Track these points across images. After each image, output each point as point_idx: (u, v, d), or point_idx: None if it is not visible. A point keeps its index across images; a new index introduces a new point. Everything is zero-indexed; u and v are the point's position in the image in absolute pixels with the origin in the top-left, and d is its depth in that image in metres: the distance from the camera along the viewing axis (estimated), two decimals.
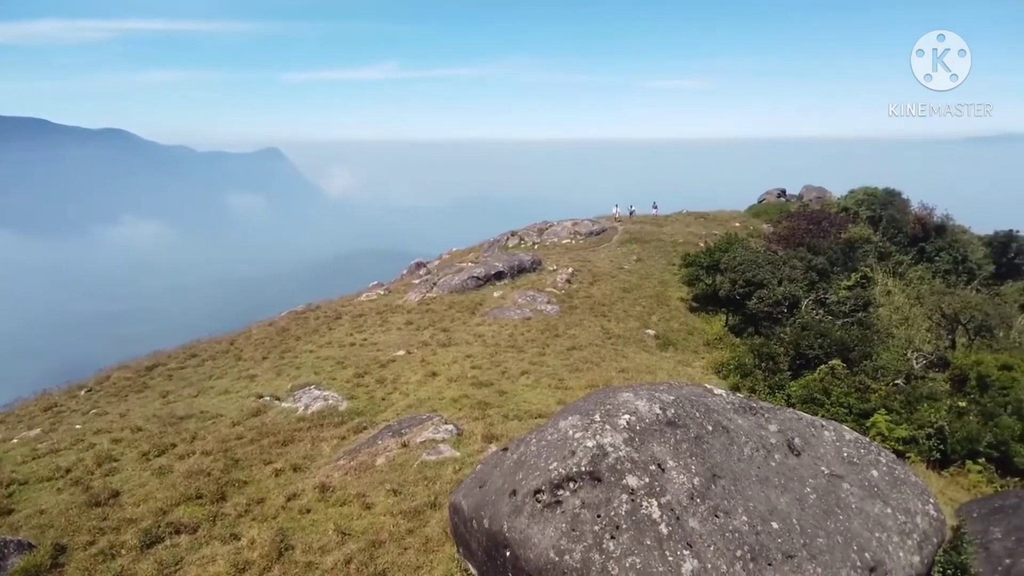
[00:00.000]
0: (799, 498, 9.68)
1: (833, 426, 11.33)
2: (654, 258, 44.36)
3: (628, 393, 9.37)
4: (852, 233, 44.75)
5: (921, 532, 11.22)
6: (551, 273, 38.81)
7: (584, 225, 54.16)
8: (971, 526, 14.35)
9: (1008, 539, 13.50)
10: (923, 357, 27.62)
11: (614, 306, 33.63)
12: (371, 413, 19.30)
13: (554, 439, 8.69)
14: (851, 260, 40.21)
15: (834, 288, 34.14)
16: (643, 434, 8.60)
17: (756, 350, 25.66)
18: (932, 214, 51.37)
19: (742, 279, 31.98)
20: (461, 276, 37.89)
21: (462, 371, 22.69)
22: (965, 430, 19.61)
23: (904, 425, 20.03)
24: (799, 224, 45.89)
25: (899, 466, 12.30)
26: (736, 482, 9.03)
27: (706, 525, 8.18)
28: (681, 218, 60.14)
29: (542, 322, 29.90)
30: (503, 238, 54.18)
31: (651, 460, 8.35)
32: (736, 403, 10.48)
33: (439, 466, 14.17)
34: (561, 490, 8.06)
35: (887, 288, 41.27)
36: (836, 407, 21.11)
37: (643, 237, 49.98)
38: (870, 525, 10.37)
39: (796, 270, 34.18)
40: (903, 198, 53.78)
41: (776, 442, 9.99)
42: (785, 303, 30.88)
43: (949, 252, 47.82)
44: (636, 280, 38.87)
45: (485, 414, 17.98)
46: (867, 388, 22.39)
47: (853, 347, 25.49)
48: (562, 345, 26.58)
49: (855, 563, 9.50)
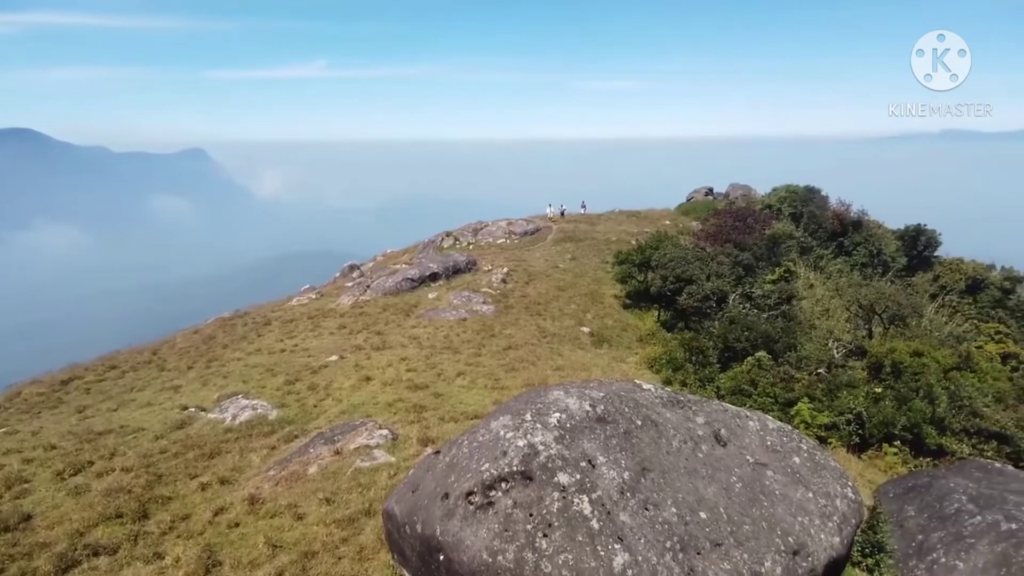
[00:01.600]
0: (726, 487, 9.97)
1: (757, 416, 11.73)
2: (588, 256, 44.93)
3: (559, 391, 9.44)
4: (776, 229, 46.53)
5: (841, 514, 11.73)
6: (486, 273, 38.81)
7: (519, 225, 54.42)
8: (887, 506, 15.09)
9: (920, 516, 14.24)
10: (843, 347, 28.95)
11: (549, 305, 33.89)
12: (303, 421, 18.86)
13: (486, 440, 8.67)
14: (775, 255, 41.80)
15: (759, 282, 35.40)
16: (574, 431, 8.68)
17: (687, 344, 26.34)
18: (849, 210, 53.91)
19: (672, 276, 32.77)
20: (395, 278, 37.46)
21: (397, 374, 22.43)
22: (881, 415, 20.61)
23: (826, 412, 20.93)
24: (726, 221, 47.42)
25: (819, 452, 12.83)
26: (665, 475, 9.22)
27: (636, 518, 8.31)
28: (614, 217, 61.19)
29: (478, 322, 29.86)
30: (438, 239, 53.87)
31: (582, 457, 8.44)
32: (664, 397, 10.71)
33: (373, 472, 13.96)
34: (493, 491, 8.05)
35: (809, 281, 43.09)
36: (763, 397, 21.89)
37: (577, 236, 50.59)
38: (793, 510, 10.78)
39: (723, 266, 35.26)
40: (822, 195, 56.27)
41: (703, 434, 10.26)
42: (713, 298, 31.81)
43: (865, 246, 50.30)
44: (571, 279, 39.29)
45: (421, 417, 17.84)
46: (791, 378, 23.31)
47: (778, 339, 26.50)
48: (498, 345, 26.61)
49: (779, 547, 9.85)
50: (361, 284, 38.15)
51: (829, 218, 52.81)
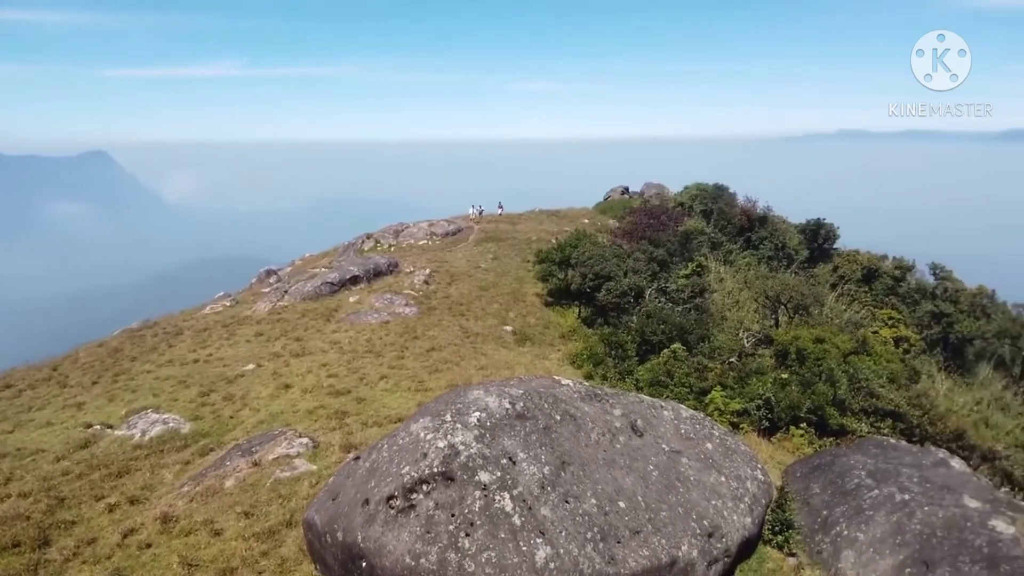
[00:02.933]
0: (643, 476, 10.34)
1: (671, 406, 12.22)
2: (510, 256, 45.22)
3: (478, 391, 9.53)
4: (688, 226, 48.32)
5: (752, 495, 12.37)
6: (408, 275, 38.50)
7: (440, 226, 54.21)
8: (794, 485, 15.95)
9: (825, 493, 15.14)
10: (752, 336, 30.39)
11: (472, 305, 33.95)
12: (218, 434, 18.21)
13: (406, 443, 8.66)
14: (688, 251, 43.40)
15: (674, 277, 36.65)
16: (494, 430, 8.79)
17: (606, 339, 26.99)
18: (755, 206, 56.62)
19: (591, 273, 33.45)
20: (314, 282, 36.61)
21: (317, 381, 22.01)
22: (788, 399, 21.74)
23: (737, 399, 21.91)
24: (641, 219, 48.87)
25: (730, 437, 13.48)
26: (584, 467, 9.47)
27: (557, 512, 8.51)
28: (534, 216, 61.81)
29: (401, 325, 29.60)
30: (358, 241, 52.97)
31: (502, 454, 8.56)
32: (583, 392, 10.99)
33: (294, 482, 13.66)
34: (414, 493, 8.06)
35: (720, 275, 44.98)
36: (679, 387, 22.70)
37: (498, 236, 50.84)
38: (707, 494, 11.28)
39: (640, 262, 36.27)
40: (730, 192, 58.85)
41: (620, 425, 10.60)
42: (631, 293, 32.69)
43: (771, 240, 52.95)
44: (493, 278, 39.46)
45: (343, 423, 17.60)
46: (705, 368, 24.28)
47: (692, 331, 27.54)
48: (421, 347, 26.47)
49: (695, 531, 10.30)
50: (279, 289, 37.09)
51: (737, 214, 55.26)
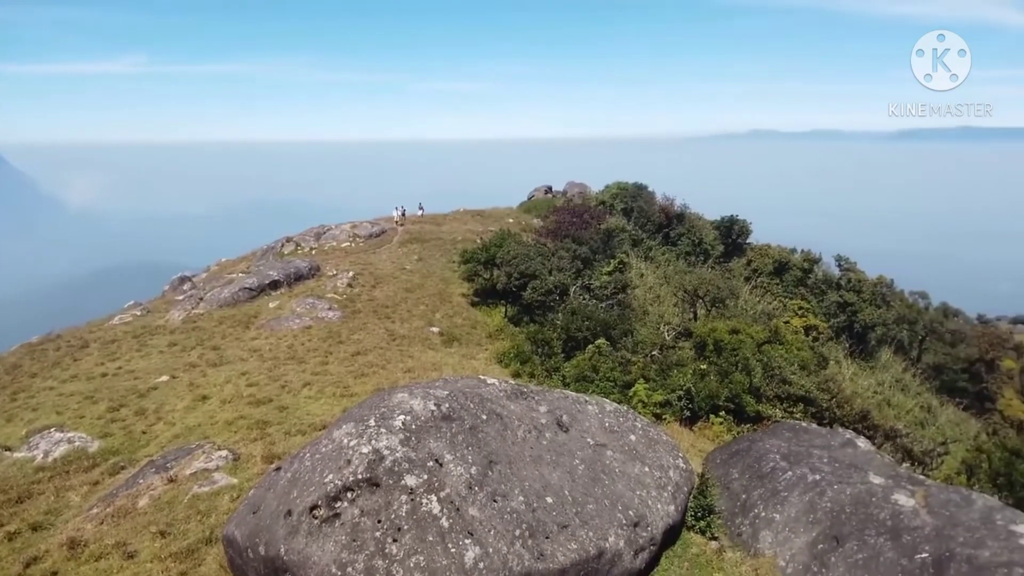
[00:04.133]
0: (569, 471, 10.51)
1: (596, 400, 12.47)
2: (435, 257, 44.94)
3: (403, 394, 9.44)
4: (609, 224, 49.38)
5: (674, 484, 12.76)
6: (331, 278, 37.68)
7: (363, 227, 53.27)
8: (715, 471, 16.56)
9: (743, 477, 15.77)
10: (672, 329, 31.37)
11: (398, 307, 33.57)
12: (130, 451, 17.33)
13: (329, 450, 8.49)
14: (610, 248, 44.36)
15: (597, 274, 37.39)
16: (419, 432, 8.73)
17: (532, 337, 27.27)
18: (673, 204, 58.49)
19: (517, 272, 33.70)
20: (232, 288, 35.29)
21: (237, 390, 21.28)
22: (707, 389, 22.58)
23: (660, 391, 22.58)
24: (564, 218, 49.58)
25: (653, 428, 13.87)
26: (512, 465, 9.54)
27: (485, 511, 8.54)
28: (459, 216, 61.63)
29: (324, 329, 28.96)
30: (278, 245, 51.38)
31: (429, 457, 8.51)
32: (508, 390, 11.06)
33: (214, 497, 13.14)
34: (339, 502, 7.90)
35: (641, 271, 46.20)
36: (604, 382, 23.18)
37: (423, 237, 50.42)
38: (632, 485, 11.57)
39: (564, 260, 36.81)
40: (649, 191, 60.54)
41: (546, 422, 10.73)
42: (556, 291, 33.14)
43: (688, 237, 54.82)
44: (418, 279, 39.12)
45: (265, 433, 17.08)
46: (628, 362, 24.89)
47: (615, 326, 28.18)
48: (346, 351, 26.00)
49: (621, 521, 10.54)
50: (193, 296, 35.56)
51: (656, 212, 56.90)
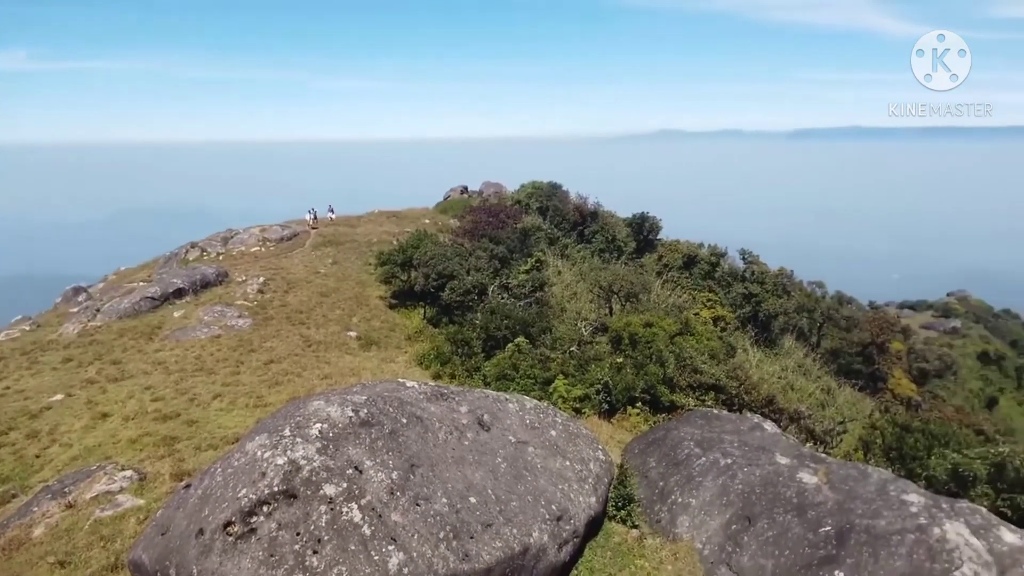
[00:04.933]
0: (492, 469, 10.52)
1: (516, 398, 12.54)
2: (350, 259, 44.06)
3: (319, 401, 9.17)
4: (526, 223, 49.88)
5: (595, 476, 13.01)
6: (240, 284, 36.25)
7: (274, 231, 51.50)
8: (633, 461, 17.02)
9: (660, 465, 16.28)
10: (589, 325, 31.99)
11: (313, 312, 32.72)
12: (21, 477, 16.08)
13: (242, 464, 8.13)
14: (527, 247, 44.79)
15: (514, 273, 37.66)
16: (337, 440, 8.51)
17: (452, 338, 27.17)
18: (587, 203, 59.75)
19: (435, 273, 33.48)
20: (132, 298, 33.33)
21: (141, 406, 20.16)
22: (624, 381, 23.14)
23: (579, 385, 22.95)
24: (481, 217, 49.71)
25: (572, 423, 14.09)
26: (434, 467, 9.45)
27: (408, 516, 8.42)
28: (374, 218, 60.64)
29: (234, 338, 27.84)
30: (182, 251, 48.92)
31: (348, 464, 8.31)
32: (429, 392, 10.96)
33: (118, 521, 12.37)
34: (254, 516, 7.58)
35: (558, 269, 46.91)
36: (524, 379, 23.36)
37: (337, 239, 49.31)
38: (554, 479, 11.71)
39: (481, 260, 36.86)
40: (564, 190, 61.59)
41: (467, 422, 10.70)
42: (475, 291, 33.13)
43: (602, 234, 56.15)
44: (333, 283, 38.24)
45: (173, 450, 16.29)
46: (548, 358, 25.18)
47: (534, 324, 28.46)
48: (259, 360, 25.13)
49: (545, 516, 10.64)
50: (89, 308, 33.34)
51: (571, 211, 57.95)
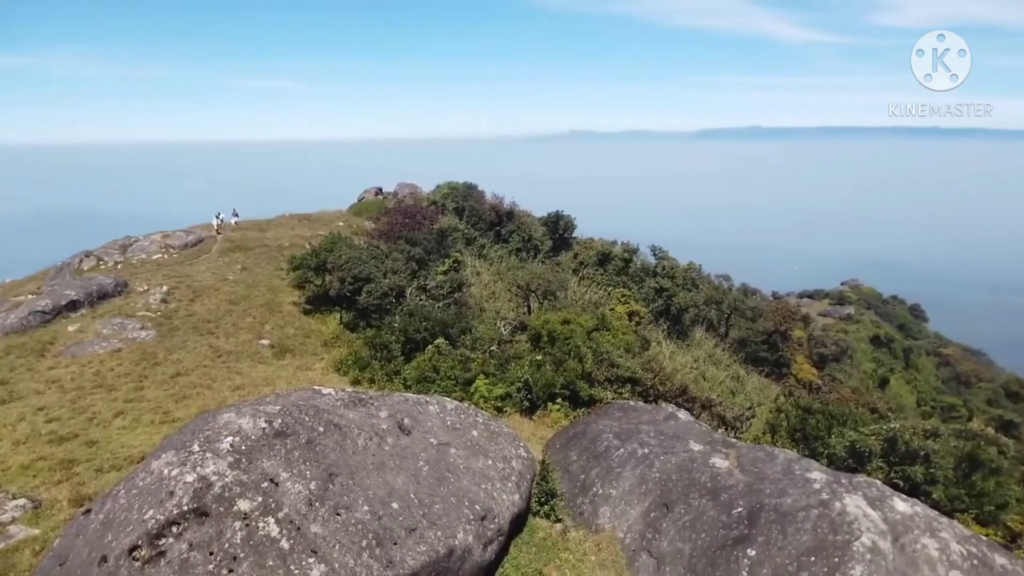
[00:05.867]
0: (414, 473, 10.43)
1: (436, 399, 12.48)
2: (261, 265, 42.54)
3: (229, 413, 8.82)
4: (442, 223, 49.69)
5: (518, 473, 13.12)
6: (142, 294, 34.36)
7: (177, 237, 48.99)
8: (555, 456, 17.27)
9: (581, 459, 16.60)
10: (509, 324, 32.24)
11: (222, 321, 31.41)
12: None
13: (147, 484, 7.71)
14: (444, 247, 44.61)
15: (432, 274, 37.45)
16: (250, 453, 8.21)
17: (370, 342, 26.75)
18: (502, 202, 60.08)
19: (350, 276, 32.84)
20: (19, 312, 30.95)
21: (33, 428, 18.82)
22: (544, 378, 23.46)
23: (500, 384, 23.10)
24: (397, 219, 49.12)
25: (494, 422, 14.16)
26: (354, 475, 9.28)
27: (328, 526, 8.23)
28: (285, 221, 58.77)
29: (136, 351, 26.37)
30: (75, 261, 45.72)
31: (263, 477, 8.03)
32: (346, 398, 10.74)
33: (11, 554, 11.51)
34: (163, 538, 7.21)
35: (476, 269, 46.99)
36: (445, 380, 23.29)
37: (246, 244, 47.48)
38: (477, 479, 11.74)
39: (398, 262, 36.44)
40: (479, 190, 61.69)
41: (387, 427, 10.56)
42: (392, 294, 32.73)
43: (518, 233, 56.64)
44: (243, 290, 36.82)
45: (71, 474, 15.31)
46: (468, 359, 25.20)
47: (453, 324, 28.40)
48: (164, 373, 23.95)
49: (469, 517, 10.65)
50: None
51: (487, 210, 58.13)
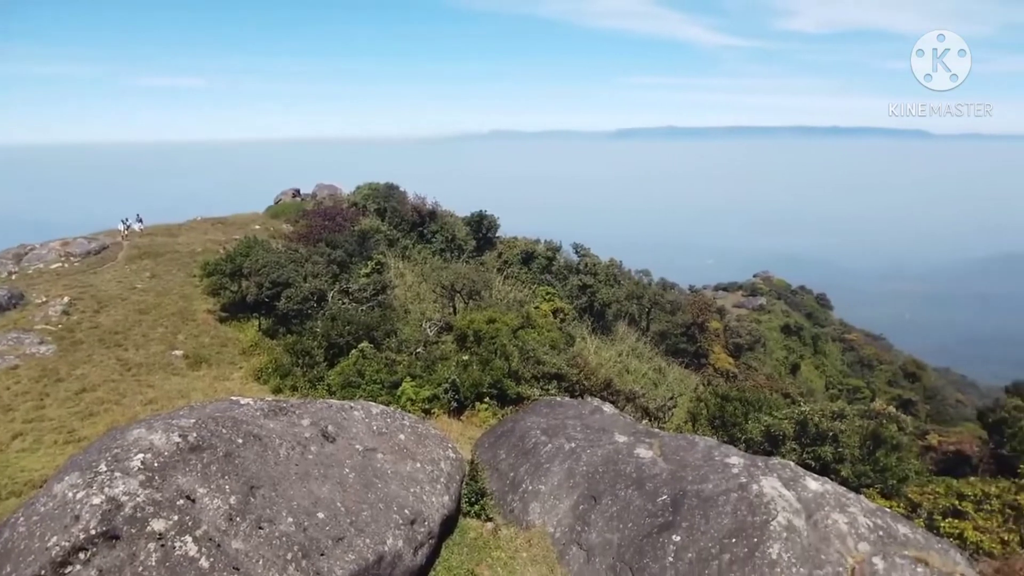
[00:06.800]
0: (340, 481, 10.23)
1: (361, 405, 12.27)
2: (172, 272, 40.61)
3: (140, 429, 8.39)
4: (364, 225, 48.86)
5: (447, 475, 13.08)
6: (41, 306, 32.19)
7: (78, 244, 46.06)
8: (484, 455, 17.31)
9: (510, 456, 16.70)
10: (434, 325, 32.04)
11: (130, 332, 29.81)
12: None
13: (50, 509, 7.24)
14: (366, 249, 43.88)
15: (355, 277, 36.78)
16: (164, 469, 7.84)
17: (291, 348, 26.05)
18: (425, 202, 59.59)
19: (268, 281, 31.86)
20: None
21: None
22: (471, 378, 23.46)
23: (427, 386, 22.95)
24: (316, 221, 47.95)
25: (421, 424, 14.07)
26: (277, 486, 9.01)
27: (251, 541, 7.97)
28: (197, 225, 56.28)
29: (36, 368, 24.69)
30: None
31: (178, 495, 7.69)
32: (266, 408, 10.42)
33: None
34: (69, 566, 6.80)
35: (400, 271, 46.46)
36: (371, 385, 22.94)
37: (156, 250, 45.18)
38: (406, 483, 11.63)
39: (319, 265, 35.63)
40: (401, 191, 60.95)
41: (310, 435, 10.31)
42: (313, 298, 31.97)
43: (442, 234, 56.35)
44: (153, 299, 35.06)
45: None
46: (394, 362, 24.91)
47: (378, 327, 27.99)
48: (68, 390, 22.58)
49: (398, 522, 10.54)
50: None
51: (409, 211, 57.53)
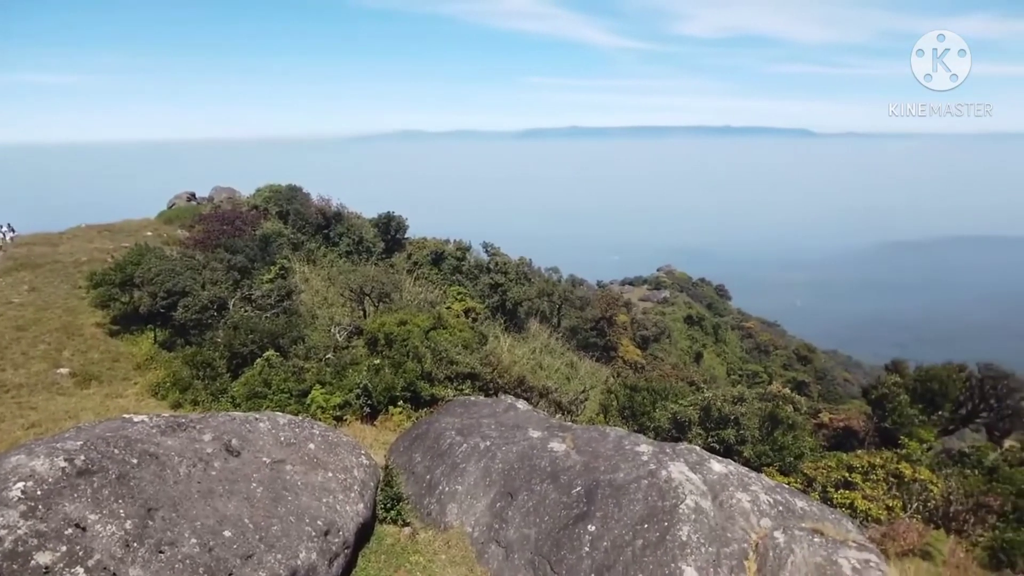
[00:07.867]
0: (247, 497, 9.83)
1: (267, 416, 11.83)
2: (54, 284, 37.76)
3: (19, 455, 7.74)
4: (265, 229, 47.08)
5: (360, 482, 12.84)
6: None
7: None
8: (399, 459, 17.12)
9: (426, 459, 16.60)
10: (344, 329, 31.28)
11: (7, 351, 27.53)
12: None
13: None
14: (268, 254, 42.27)
15: (257, 283, 35.36)
16: (48, 498, 7.26)
17: (190, 360, 24.78)
18: (330, 204, 58.09)
19: (163, 290, 30.11)
20: None
21: None
22: (383, 382, 23.09)
23: (337, 393, 22.39)
24: (214, 226, 45.79)
25: (332, 432, 13.73)
26: (177, 507, 8.55)
27: (151, 567, 7.53)
28: (81, 233, 52.55)
29: None
30: None
31: (66, 523, 7.15)
32: (163, 424, 9.86)
33: None
34: None
35: (305, 275, 45.08)
36: (278, 394, 22.16)
37: (34, 261, 41.86)
38: (317, 494, 11.32)
39: (218, 272, 34.02)
40: (304, 192, 59.12)
41: (213, 450, 9.84)
42: (213, 307, 30.49)
43: (348, 236, 55.08)
44: (33, 313, 32.48)
45: None
46: (302, 369, 24.16)
47: (284, 334, 27.04)
48: None
49: (311, 534, 10.24)
50: None
51: (313, 213, 55.95)
